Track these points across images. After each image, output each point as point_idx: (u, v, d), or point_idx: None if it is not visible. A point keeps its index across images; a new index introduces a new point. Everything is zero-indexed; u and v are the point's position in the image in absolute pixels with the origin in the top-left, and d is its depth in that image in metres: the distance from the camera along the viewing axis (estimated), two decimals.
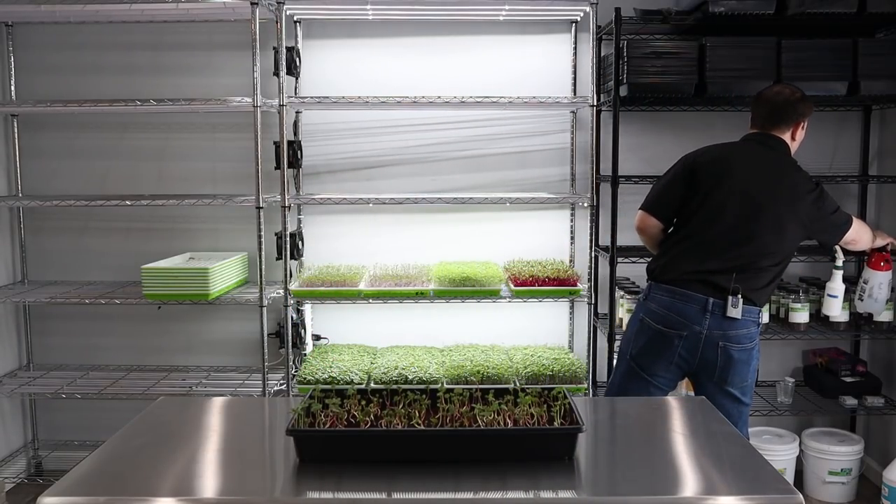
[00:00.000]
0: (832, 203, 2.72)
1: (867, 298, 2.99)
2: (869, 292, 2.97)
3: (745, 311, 2.56)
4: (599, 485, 1.61)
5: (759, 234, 2.59)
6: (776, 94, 2.75)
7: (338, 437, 1.63)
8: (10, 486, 3.60)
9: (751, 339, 2.61)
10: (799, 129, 2.74)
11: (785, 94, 2.73)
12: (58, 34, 3.65)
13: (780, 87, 2.79)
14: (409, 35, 3.67)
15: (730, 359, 2.58)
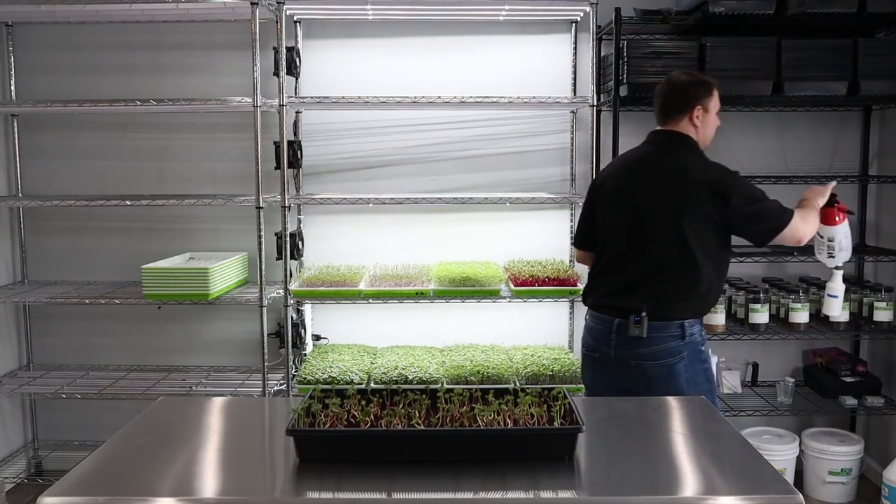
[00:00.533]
0: (749, 198, 2.42)
1: (839, 253, 2.76)
2: (839, 246, 2.75)
3: (655, 328, 2.41)
4: (599, 485, 1.61)
5: (653, 243, 2.45)
6: (666, 84, 2.58)
7: (338, 437, 1.63)
8: (10, 486, 3.60)
9: (672, 353, 2.43)
10: (696, 115, 2.50)
11: (674, 81, 2.57)
12: (58, 34, 3.65)
13: (676, 74, 2.61)
14: (409, 35, 3.67)
15: (647, 377, 2.45)
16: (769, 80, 3.22)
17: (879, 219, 3.74)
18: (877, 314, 3.40)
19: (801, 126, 3.72)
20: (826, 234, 2.73)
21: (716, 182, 2.41)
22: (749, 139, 3.71)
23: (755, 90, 3.24)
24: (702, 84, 2.55)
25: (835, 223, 2.70)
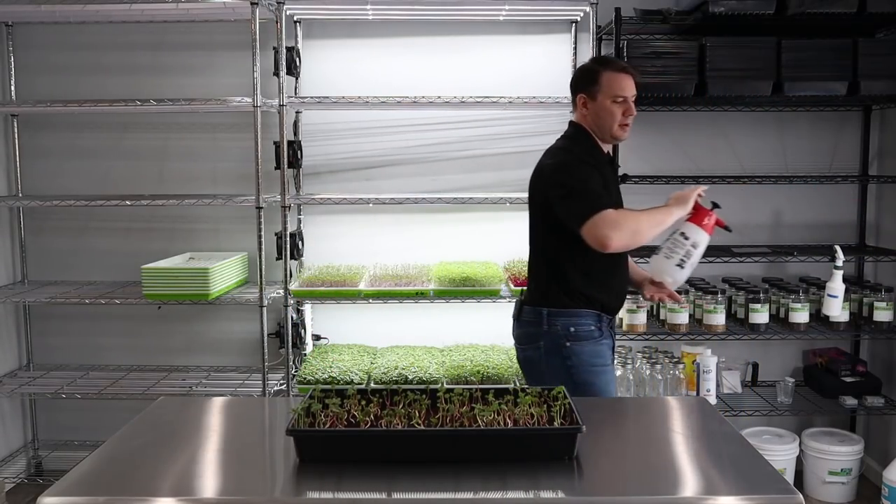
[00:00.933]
0: (559, 185, 2.35)
1: (689, 264, 2.36)
2: (694, 257, 2.35)
3: (524, 313, 2.48)
4: (599, 485, 1.61)
5: (530, 232, 2.53)
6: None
7: (338, 437, 1.63)
8: (10, 486, 3.60)
9: (530, 339, 2.45)
10: (580, 104, 2.44)
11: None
12: (58, 34, 3.65)
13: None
14: (409, 35, 3.67)
15: (517, 359, 2.57)
16: (769, 80, 3.21)
17: (879, 219, 3.74)
18: (877, 314, 3.40)
19: (801, 126, 3.72)
20: (692, 236, 2.36)
21: (542, 168, 2.45)
22: (749, 139, 3.71)
23: (755, 90, 3.24)
24: (584, 72, 2.46)
25: (706, 228, 2.35)
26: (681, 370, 3.41)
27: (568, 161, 2.39)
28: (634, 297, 3.38)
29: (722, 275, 3.69)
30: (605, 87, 2.39)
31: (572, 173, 2.35)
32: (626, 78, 2.40)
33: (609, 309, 2.48)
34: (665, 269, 2.38)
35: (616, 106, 2.39)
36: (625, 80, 2.39)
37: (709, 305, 3.37)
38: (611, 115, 2.39)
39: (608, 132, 2.42)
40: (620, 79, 2.39)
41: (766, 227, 3.77)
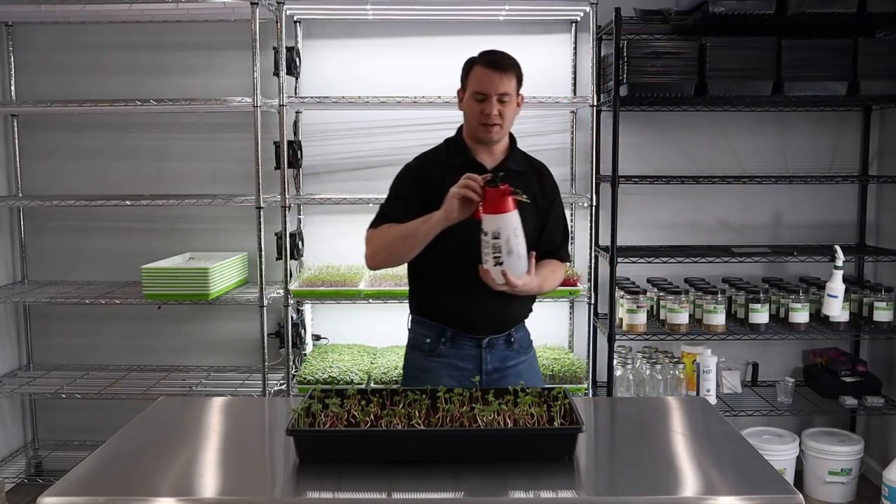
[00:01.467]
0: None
1: (508, 257, 2.01)
2: (508, 248, 1.99)
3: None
4: (599, 485, 1.61)
5: None
6: None
7: (338, 437, 1.63)
8: (10, 486, 3.60)
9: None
10: (459, 98, 2.27)
11: None
12: (58, 34, 3.65)
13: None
14: (409, 35, 3.67)
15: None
16: (769, 80, 3.21)
17: (879, 219, 3.74)
18: (877, 314, 3.40)
19: (801, 126, 3.72)
20: (488, 227, 1.99)
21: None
22: (749, 139, 3.72)
23: (755, 90, 3.24)
24: (464, 65, 2.26)
25: (505, 209, 1.98)
26: (681, 370, 3.41)
27: (405, 166, 2.30)
28: (634, 296, 3.38)
29: (722, 275, 3.69)
30: (470, 81, 2.21)
31: (394, 181, 2.30)
32: (490, 73, 2.16)
33: (454, 325, 2.25)
34: (491, 276, 2.04)
35: (476, 103, 2.19)
36: (489, 75, 2.16)
37: (709, 305, 3.37)
38: (471, 112, 2.21)
39: (471, 131, 2.24)
40: (485, 74, 2.17)
41: (766, 227, 3.77)
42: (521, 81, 2.23)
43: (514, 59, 2.23)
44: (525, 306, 2.37)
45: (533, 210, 2.22)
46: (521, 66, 2.23)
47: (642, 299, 3.39)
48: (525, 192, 2.12)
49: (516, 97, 2.23)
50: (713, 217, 3.76)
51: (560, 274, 2.38)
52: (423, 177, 2.24)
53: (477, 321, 2.25)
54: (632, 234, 3.70)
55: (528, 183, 2.24)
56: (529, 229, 2.13)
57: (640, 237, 3.72)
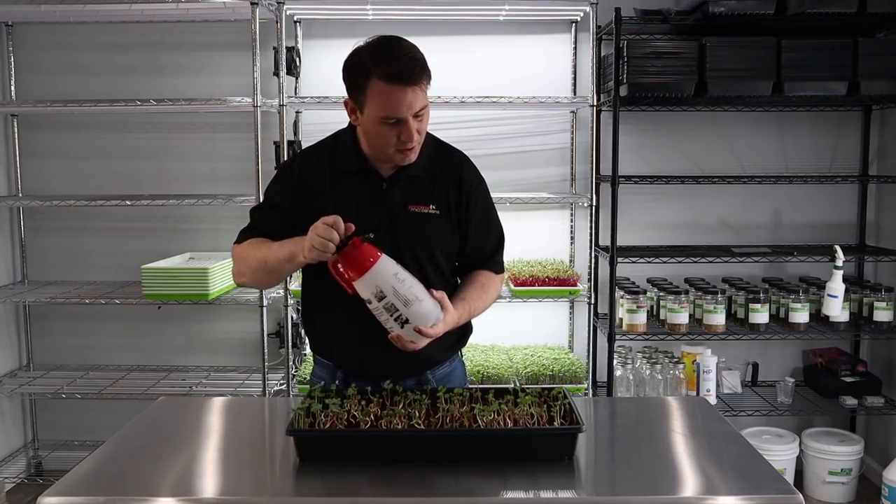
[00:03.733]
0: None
1: (408, 309, 1.72)
2: (401, 300, 1.71)
3: None
4: (599, 485, 1.61)
5: None
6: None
7: (338, 437, 1.63)
8: (10, 486, 3.60)
9: None
10: (349, 109, 1.86)
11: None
12: (57, 34, 3.65)
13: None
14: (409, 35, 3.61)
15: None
16: (769, 80, 3.21)
17: (879, 219, 3.74)
18: (877, 314, 3.40)
19: (801, 126, 3.72)
20: (360, 290, 1.71)
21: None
22: (749, 139, 3.71)
23: (755, 90, 3.24)
24: (351, 68, 1.79)
25: (366, 267, 1.68)
26: (681, 370, 3.41)
27: (283, 164, 1.99)
28: (634, 296, 3.38)
29: (722, 275, 3.69)
30: (370, 100, 1.76)
31: (272, 180, 2.00)
32: (400, 91, 1.72)
33: (342, 365, 1.96)
34: (406, 340, 1.76)
35: (387, 128, 1.77)
36: (398, 94, 1.72)
37: (709, 305, 3.37)
38: (380, 137, 1.80)
39: (384, 156, 1.85)
40: (392, 93, 1.72)
41: (766, 227, 3.77)
42: (430, 78, 1.79)
43: (415, 50, 1.77)
44: (445, 343, 1.92)
45: (444, 221, 1.91)
46: (425, 58, 1.78)
47: (642, 299, 3.39)
48: (431, 202, 1.88)
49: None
50: (713, 217, 3.76)
51: (495, 288, 2.02)
52: (302, 184, 1.90)
53: (373, 364, 1.91)
54: (632, 234, 3.70)
55: (431, 190, 1.91)
56: (444, 243, 1.91)
57: (640, 237, 3.72)
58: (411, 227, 1.89)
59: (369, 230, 1.76)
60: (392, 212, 1.89)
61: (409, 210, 1.89)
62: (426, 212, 1.89)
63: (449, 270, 1.99)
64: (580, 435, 1.62)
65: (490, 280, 2.01)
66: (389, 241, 1.86)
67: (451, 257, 1.95)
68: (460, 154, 2.01)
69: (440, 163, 1.95)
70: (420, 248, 1.90)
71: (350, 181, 1.89)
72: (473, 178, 1.99)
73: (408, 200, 1.90)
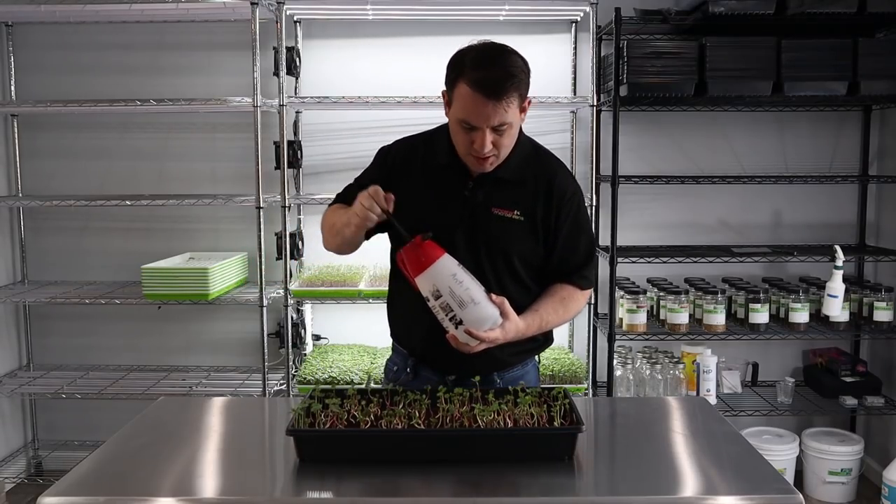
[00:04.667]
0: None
1: (463, 311, 1.71)
2: (456, 302, 1.71)
3: None
4: (599, 485, 1.61)
5: None
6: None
7: (338, 437, 1.63)
8: (10, 486, 3.60)
9: None
10: (444, 100, 1.87)
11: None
12: (57, 34, 3.65)
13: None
14: (409, 35, 3.67)
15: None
16: (769, 80, 3.21)
17: (879, 219, 3.74)
18: (877, 314, 3.40)
19: (801, 126, 3.72)
20: (426, 289, 1.73)
21: None
22: (749, 139, 3.71)
23: (755, 90, 3.24)
24: (450, 65, 1.82)
25: (425, 265, 1.70)
26: (681, 370, 3.41)
27: (381, 149, 2.01)
28: (634, 296, 3.38)
29: (722, 275, 3.69)
30: (456, 98, 1.77)
31: (372, 161, 2.01)
32: (482, 102, 1.71)
33: (413, 352, 1.98)
34: (461, 342, 1.75)
35: (464, 132, 1.78)
36: (479, 104, 1.72)
37: (709, 305, 3.37)
38: (458, 138, 1.81)
39: (463, 158, 1.85)
40: (474, 101, 1.72)
41: (766, 227, 3.77)
42: (526, 92, 1.83)
43: (517, 67, 1.80)
44: (518, 347, 1.91)
45: (527, 228, 1.87)
46: (526, 72, 1.82)
47: (642, 299, 3.39)
48: (516, 207, 1.85)
49: (520, 115, 1.82)
50: (713, 217, 3.76)
51: (577, 303, 1.95)
52: (393, 170, 1.93)
53: (440, 356, 1.90)
54: (632, 234, 3.70)
55: (519, 196, 1.87)
56: (524, 250, 1.87)
57: (640, 237, 3.72)
58: (491, 229, 1.87)
59: (450, 227, 1.81)
60: (474, 211, 1.87)
61: (492, 212, 1.87)
62: (509, 216, 1.85)
63: (529, 278, 1.93)
64: (580, 435, 1.62)
65: (571, 295, 1.94)
66: (467, 239, 1.86)
67: (531, 266, 1.90)
68: (557, 162, 1.96)
69: (533, 169, 1.91)
70: (497, 251, 1.88)
71: (438, 175, 1.88)
72: (567, 188, 1.92)
73: (491, 202, 1.87)
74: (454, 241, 1.83)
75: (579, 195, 1.95)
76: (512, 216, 1.86)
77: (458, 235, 1.85)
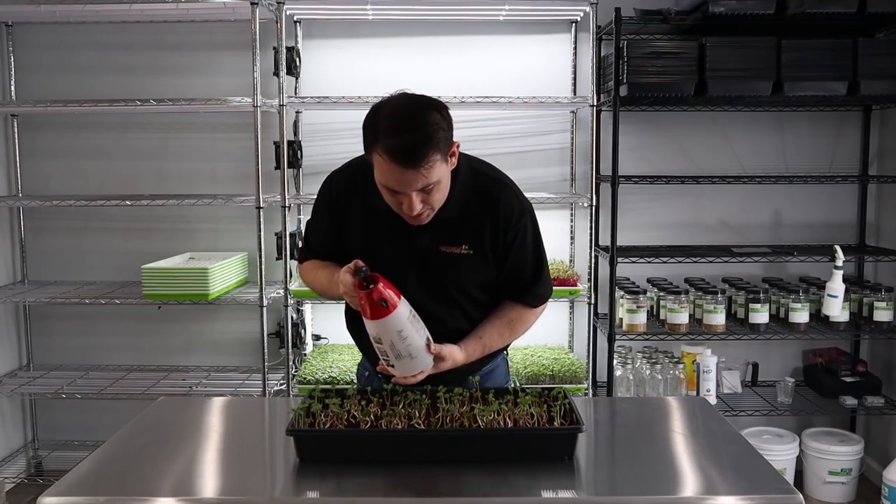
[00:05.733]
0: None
1: (398, 361, 1.77)
2: (394, 352, 1.76)
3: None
4: (599, 485, 1.61)
5: None
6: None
7: (338, 437, 1.63)
8: (10, 486, 3.60)
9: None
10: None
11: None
12: (57, 34, 3.65)
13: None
14: (409, 35, 3.67)
15: None
16: (769, 80, 3.21)
17: (879, 219, 3.74)
18: (877, 314, 3.40)
19: (801, 126, 3.72)
20: (371, 330, 1.76)
21: None
22: (749, 139, 3.71)
23: (755, 90, 3.24)
24: (365, 124, 1.79)
25: (376, 315, 1.70)
26: (681, 370, 3.41)
27: (326, 179, 1.99)
28: (634, 296, 3.38)
29: (722, 275, 3.69)
30: (375, 164, 1.74)
31: (318, 194, 1.99)
32: (399, 170, 1.67)
33: (370, 360, 2.01)
34: (385, 369, 1.83)
35: (389, 193, 1.75)
36: (398, 173, 1.68)
37: (709, 305, 3.37)
38: (387, 198, 1.78)
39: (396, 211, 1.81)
40: (392, 170, 1.68)
41: (766, 227, 3.77)
42: (449, 144, 1.71)
43: (433, 126, 1.66)
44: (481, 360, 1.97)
45: (477, 259, 1.87)
46: (445, 126, 1.69)
47: (642, 299, 3.39)
48: (464, 242, 1.84)
49: (448, 164, 1.73)
50: (713, 217, 3.76)
51: (526, 323, 1.98)
52: (341, 205, 1.92)
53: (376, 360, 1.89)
54: (632, 234, 3.70)
55: (464, 230, 1.85)
56: (479, 280, 1.89)
57: (640, 237, 3.72)
58: (442, 267, 1.87)
59: (400, 268, 1.83)
60: (422, 253, 1.86)
61: (440, 251, 1.86)
62: (458, 252, 1.85)
63: (487, 296, 1.95)
64: (580, 435, 1.62)
65: (520, 316, 1.96)
66: (419, 279, 1.86)
67: (490, 288, 1.92)
68: (499, 187, 1.89)
69: (476, 202, 1.86)
70: (452, 286, 1.89)
71: (381, 217, 1.84)
72: (511, 213, 1.87)
73: (438, 241, 1.86)
74: (406, 282, 1.82)
75: (527, 213, 1.91)
76: (461, 251, 1.85)
77: (410, 276, 1.86)
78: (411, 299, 1.77)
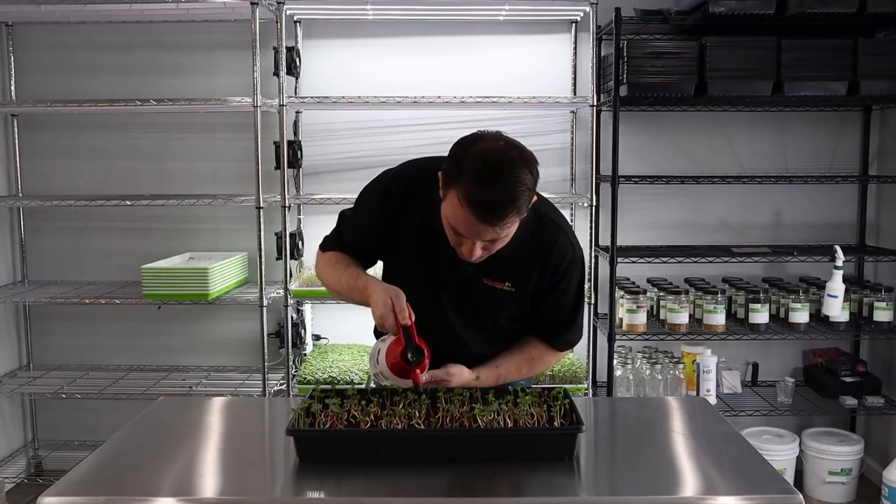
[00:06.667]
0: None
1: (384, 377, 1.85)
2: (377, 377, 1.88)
3: None
4: (599, 485, 1.61)
5: None
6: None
7: (338, 437, 1.63)
8: (10, 486, 3.60)
9: None
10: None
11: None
12: (57, 34, 3.65)
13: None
14: (409, 35, 3.67)
15: None
16: (769, 80, 3.21)
17: (879, 219, 3.74)
18: (877, 314, 3.40)
19: (801, 126, 3.72)
20: (386, 378, 1.82)
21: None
22: (749, 139, 3.71)
23: (755, 90, 3.24)
24: (450, 156, 1.70)
25: (404, 379, 1.79)
26: (681, 370, 3.41)
27: (384, 176, 1.92)
28: (634, 296, 3.38)
29: (722, 275, 3.69)
30: (448, 200, 1.66)
31: (367, 188, 1.93)
32: (472, 221, 1.61)
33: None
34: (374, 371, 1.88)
35: (452, 233, 1.71)
36: (471, 221, 1.62)
37: (709, 305, 3.37)
38: (447, 232, 1.73)
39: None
40: (467, 216, 1.61)
41: (766, 227, 3.77)
42: (529, 204, 1.66)
43: (522, 187, 1.61)
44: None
45: (516, 296, 1.86)
46: (532, 187, 1.65)
47: (642, 299, 3.39)
48: (508, 279, 1.83)
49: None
50: (713, 217, 3.76)
51: (546, 363, 1.99)
52: (394, 208, 1.86)
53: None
54: (632, 234, 3.70)
55: (511, 269, 1.83)
56: (511, 313, 1.90)
57: (640, 237, 3.72)
58: (480, 298, 1.87)
59: (436, 289, 1.85)
60: (463, 280, 1.85)
61: (482, 282, 1.84)
62: (500, 288, 1.84)
63: (519, 328, 1.97)
64: (580, 435, 1.62)
65: (542, 355, 1.97)
66: (454, 303, 1.88)
67: (520, 321, 1.92)
68: (557, 232, 1.85)
69: (530, 246, 1.82)
70: (484, 315, 1.91)
71: (431, 236, 1.79)
72: (563, 259, 1.84)
73: (483, 273, 1.83)
74: (439, 301, 1.86)
75: (578, 262, 1.89)
76: (503, 287, 1.84)
77: (444, 297, 1.87)
78: (439, 315, 1.84)
